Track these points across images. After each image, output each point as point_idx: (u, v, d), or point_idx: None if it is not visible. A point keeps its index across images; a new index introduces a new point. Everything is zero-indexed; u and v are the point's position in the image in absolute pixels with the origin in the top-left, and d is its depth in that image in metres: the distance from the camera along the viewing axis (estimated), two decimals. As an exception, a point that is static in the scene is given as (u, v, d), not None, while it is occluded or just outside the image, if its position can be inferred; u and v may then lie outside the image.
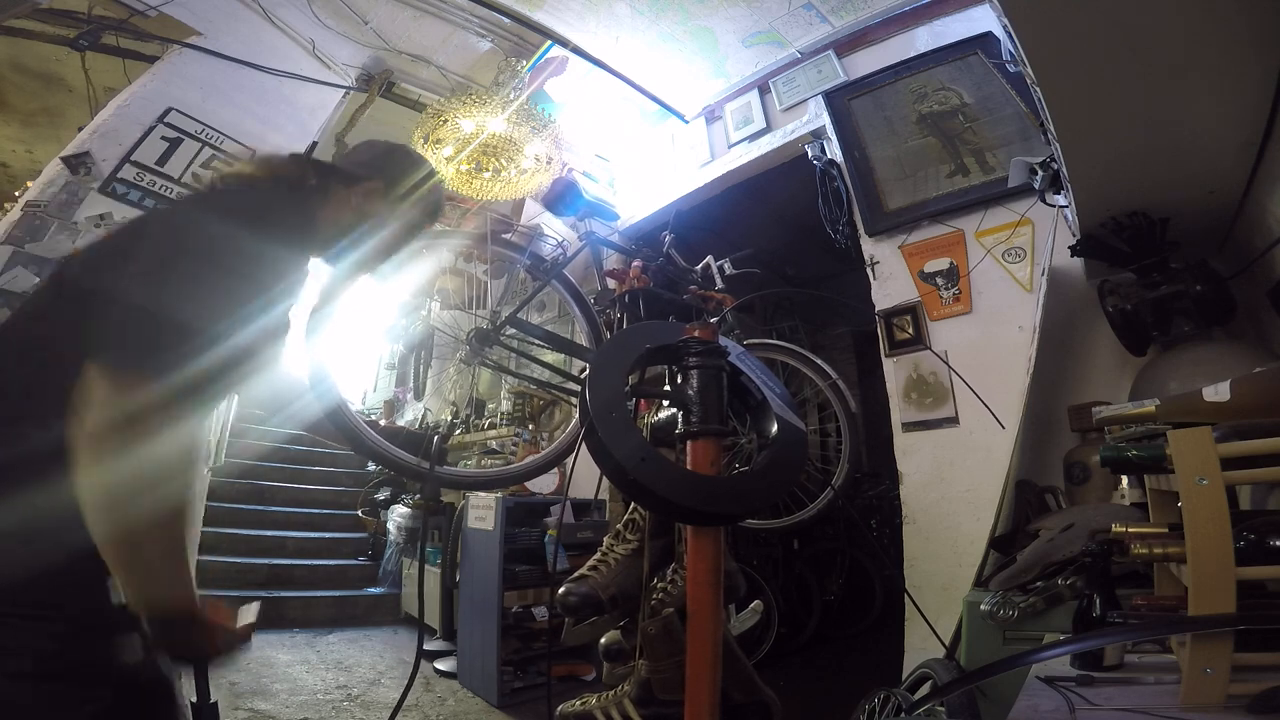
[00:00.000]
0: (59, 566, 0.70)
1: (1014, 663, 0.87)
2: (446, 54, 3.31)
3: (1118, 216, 1.68)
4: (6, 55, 3.46)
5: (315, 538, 4.51)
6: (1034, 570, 1.39)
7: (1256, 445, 0.76)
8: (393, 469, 1.55)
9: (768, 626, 3.21)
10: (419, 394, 5.79)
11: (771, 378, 1.00)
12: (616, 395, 0.84)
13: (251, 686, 2.72)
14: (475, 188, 3.14)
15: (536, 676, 2.98)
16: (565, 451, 1.78)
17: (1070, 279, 2.07)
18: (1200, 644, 0.74)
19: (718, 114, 3.40)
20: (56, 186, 2.33)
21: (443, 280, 4.57)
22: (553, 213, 2.28)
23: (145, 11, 2.60)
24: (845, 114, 2.81)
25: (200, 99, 2.67)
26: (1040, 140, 1.94)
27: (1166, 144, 1.40)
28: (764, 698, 1.02)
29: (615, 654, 1.09)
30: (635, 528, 1.12)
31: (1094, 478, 1.69)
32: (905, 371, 2.49)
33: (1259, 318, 1.70)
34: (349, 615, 4.01)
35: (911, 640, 2.19)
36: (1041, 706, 0.81)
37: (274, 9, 2.88)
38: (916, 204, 2.57)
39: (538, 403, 4.13)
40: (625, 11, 2.81)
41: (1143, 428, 0.97)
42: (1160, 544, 0.82)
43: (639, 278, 1.77)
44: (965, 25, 2.52)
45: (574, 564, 2.40)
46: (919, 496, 2.37)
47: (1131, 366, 1.86)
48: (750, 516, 0.88)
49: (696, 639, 0.80)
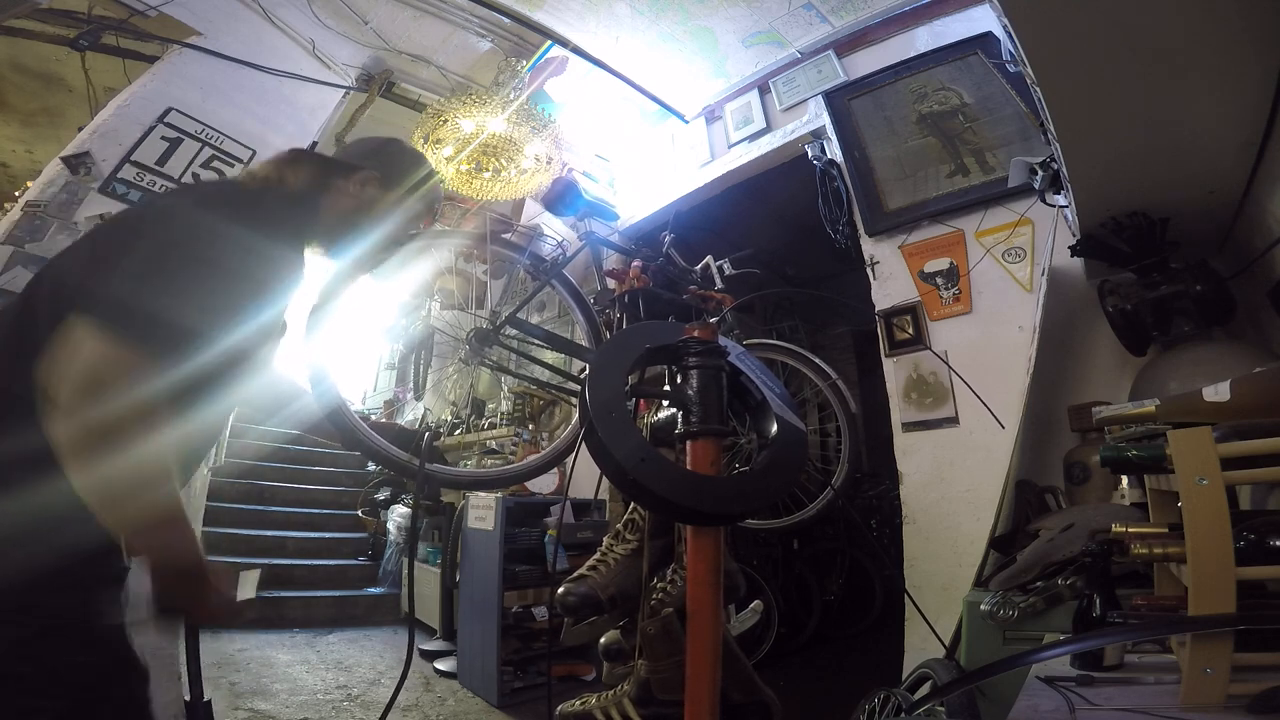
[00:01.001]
0: (34, 570, 0.70)
1: (1014, 663, 0.87)
2: (446, 54, 3.31)
3: (1118, 216, 1.68)
4: (6, 55, 3.46)
5: (315, 538, 4.51)
6: (1034, 570, 1.39)
7: (1256, 445, 0.76)
8: (391, 468, 1.56)
9: (768, 626, 3.21)
10: (419, 394, 5.79)
11: (771, 378, 0.99)
12: (616, 395, 0.84)
13: (251, 686, 2.72)
14: (475, 188, 3.14)
15: (536, 676, 2.98)
16: (565, 452, 1.78)
17: (1070, 279, 2.07)
18: (1200, 644, 0.74)
19: (718, 114, 3.40)
20: (56, 186, 2.33)
21: (443, 280, 4.58)
22: (552, 213, 2.28)
23: (145, 11, 2.60)
24: (845, 114, 2.81)
25: (200, 99, 2.66)
26: (1040, 140, 1.94)
27: (1166, 144, 1.40)
28: (764, 698, 1.02)
29: (615, 654, 1.09)
30: (635, 528, 1.12)
31: (1094, 478, 1.69)
32: (905, 371, 2.49)
33: (1259, 318, 1.70)
34: (349, 615, 4.01)
35: (911, 640, 2.19)
36: (1041, 706, 0.81)
37: (274, 9, 2.88)
38: (916, 204, 2.57)
39: (537, 403, 4.13)
40: (625, 11, 2.81)
41: (1143, 428, 0.97)
42: (1160, 544, 0.82)
43: (638, 278, 1.76)
44: (965, 25, 2.52)
45: (574, 564, 2.40)
46: (919, 496, 2.37)
47: (1131, 366, 1.86)
48: (750, 516, 0.88)
49: (696, 639, 0.80)
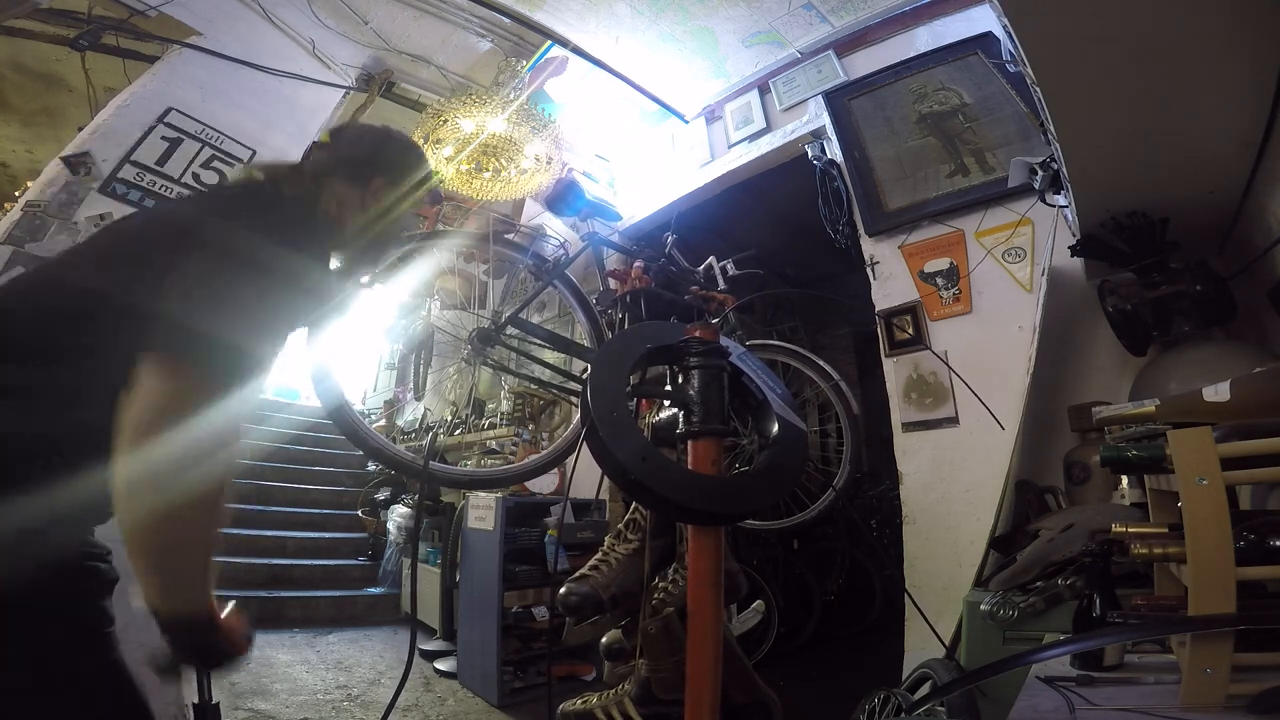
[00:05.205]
0: None
1: (1014, 663, 0.87)
2: (446, 54, 3.31)
3: (1118, 216, 1.68)
4: (6, 55, 3.47)
5: (315, 538, 4.51)
6: (1034, 570, 1.39)
7: (1256, 445, 0.76)
8: (393, 467, 1.56)
9: (768, 626, 3.21)
10: (419, 394, 5.79)
11: (773, 378, 1.00)
12: (618, 395, 0.85)
13: (251, 686, 2.72)
14: (475, 188, 3.14)
15: (536, 676, 2.98)
16: (566, 452, 1.78)
17: (1070, 279, 2.07)
18: (1200, 644, 0.74)
19: (718, 114, 3.40)
20: (56, 186, 2.33)
21: (443, 280, 4.58)
22: (554, 213, 2.28)
23: (145, 11, 2.60)
24: (845, 114, 2.81)
25: (200, 99, 2.66)
26: (1040, 140, 1.94)
27: (1166, 144, 1.41)
28: (764, 697, 1.02)
29: (616, 653, 1.10)
30: (636, 527, 1.12)
31: (1094, 478, 1.69)
32: (905, 371, 2.49)
33: (1259, 318, 1.70)
34: (349, 615, 4.01)
35: (911, 640, 2.19)
36: (1041, 706, 0.81)
37: (274, 9, 2.88)
38: (916, 204, 2.57)
39: (537, 403, 4.13)
40: (625, 11, 2.81)
41: (1143, 428, 0.97)
42: (1160, 544, 0.82)
43: (640, 278, 1.77)
44: (965, 25, 2.52)
45: (574, 564, 2.40)
46: (919, 496, 2.37)
47: (1131, 366, 1.86)
48: (751, 516, 0.89)
49: (697, 639, 0.80)
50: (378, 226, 1.16)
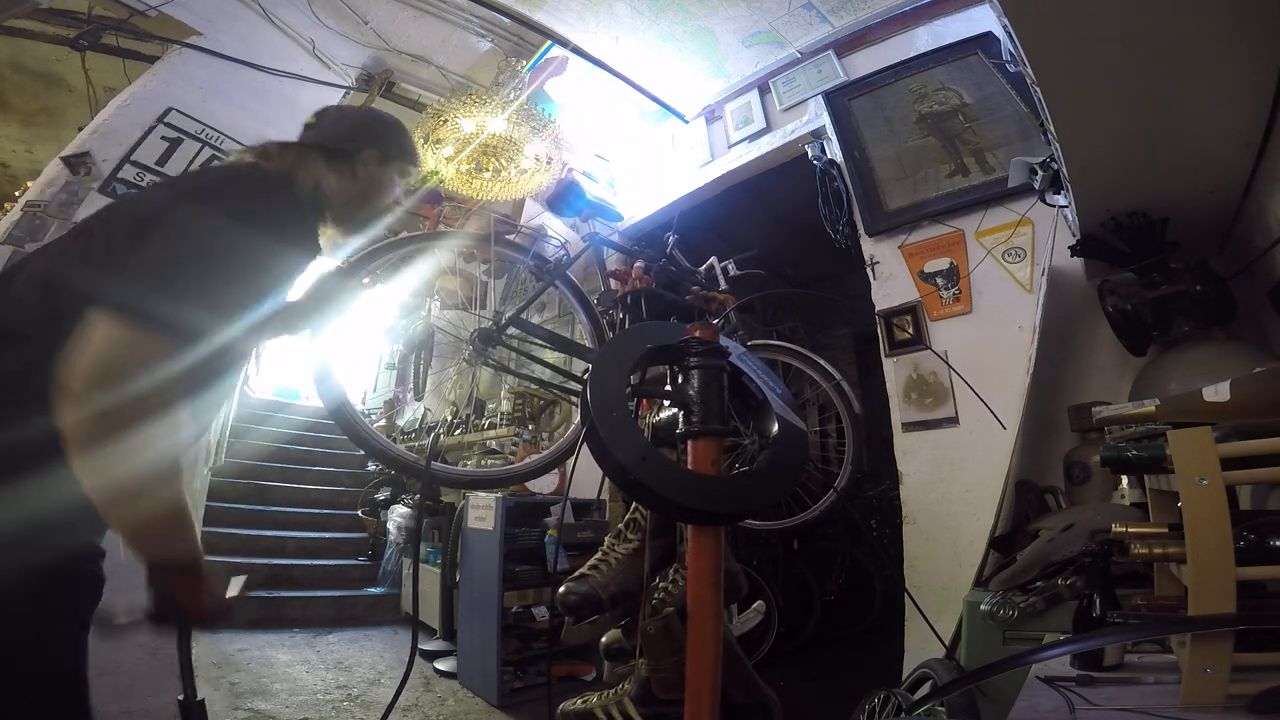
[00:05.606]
0: None
1: (1014, 663, 0.87)
2: (446, 54, 3.31)
3: (1118, 216, 1.68)
4: (6, 55, 3.47)
5: (315, 538, 4.51)
6: (1034, 570, 1.39)
7: (1256, 445, 0.76)
8: (394, 467, 1.56)
9: (768, 626, 3.21)
10: (419, 394, 5.78)
11: (773, 378, 1.00)
12: (618, 395, 0.85)
13: (251, 686, 2.72)
14: (475, 188, 3.14)
15: (536, 676, 2.98)
16: (566, 452, 1.78)
17: (1070, 279, 2.07)
18: (1200, 644, 0.74)
19: (718, 114, 3.40)
20: (56, 186, 2.33)
21: (443, 280, 4.58)
22: (554, 213, 2.27)
23: (145, 11, 2.60)
24: (845, 114, 2.81)
25: (200, 99, 2.67)
26: (1040, 140, 1.94)
27: (1166, 144, 1.41)
28: (764, 698, 1.02)
29: (616, 653, 1.10)
30: (636, 527, 1.12)
31: (1094, 478, 1.69)
32: (905, 371, 2.49)
33: (1259, 318, 1.70)
34: (349, 615, 4.01)
35: (911, 640, 2.19)
36: (1041, 706, 0.81)
37: (274, 9, 2.88)
38: (916, 204, 2.57)
39: (538, 403, 4.13)
40: (625, 11, 2.81)
41: (1143, 428, 0.97)
42: (1160, 544, 0.82)
43: (641, 278, 1.77)
44: (965, 25, 2.52)
45: (574, 564, 2.40)
46: (919, 496, 2.37)
47: (1131, 366, 1.86)
48: (751, 516, 0.89)
49: (697, 639, 0.80)
50: (371, 197, 1.20)
